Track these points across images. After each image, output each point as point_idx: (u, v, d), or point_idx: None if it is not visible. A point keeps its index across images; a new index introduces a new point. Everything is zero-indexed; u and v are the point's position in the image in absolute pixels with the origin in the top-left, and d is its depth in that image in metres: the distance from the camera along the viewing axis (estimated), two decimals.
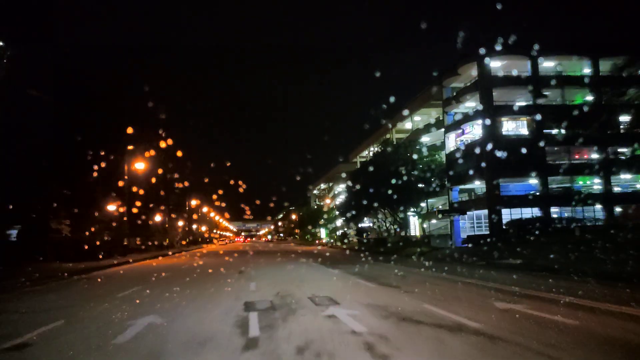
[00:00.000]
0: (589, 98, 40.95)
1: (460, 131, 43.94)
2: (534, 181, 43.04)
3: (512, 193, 40.85)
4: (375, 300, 10.45)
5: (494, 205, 37.94)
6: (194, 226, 70.58)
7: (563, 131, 39.58)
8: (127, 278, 19.68)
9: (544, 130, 39.21)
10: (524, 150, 36.16)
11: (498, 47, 28.17)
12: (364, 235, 52.76)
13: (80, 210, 28.50)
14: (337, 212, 78.39)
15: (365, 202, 47.86)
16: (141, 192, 30.37)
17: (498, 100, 39.70)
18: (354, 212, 51.15)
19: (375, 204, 45.95)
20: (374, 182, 45.61)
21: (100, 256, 27.06)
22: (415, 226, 51.02)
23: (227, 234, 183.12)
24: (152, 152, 31.95)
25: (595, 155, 41.65)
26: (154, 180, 35.82)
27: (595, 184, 43.23)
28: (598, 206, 41.18)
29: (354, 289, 13.07)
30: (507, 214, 39.06)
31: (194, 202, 65.63)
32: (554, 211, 40.47)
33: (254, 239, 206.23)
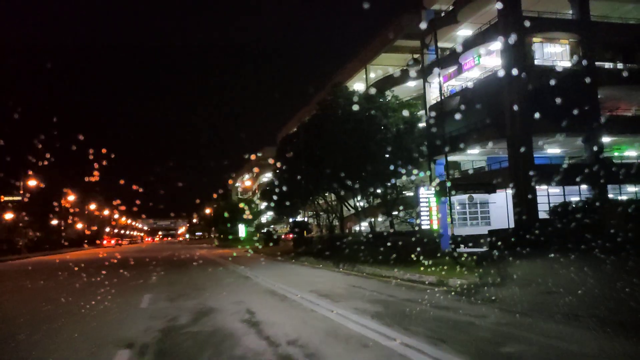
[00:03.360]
0: None
1: (453, 69, 28.31)
2: (552, 151, 28.56)
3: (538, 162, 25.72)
4: None
5: (523, 180, 22.51)
6: (54, 222, 49.92)
7: (620, 65, 25.19)
8: None
9: (596, 63, 24.40)
10: (567, 92, 21.68)
11: None
12: (304, 232, 35.72)
13: None
14: (262, 205, 60.81)
15: (304, 183, 31.13)
16: None
17: (525, 11, 24.27)
18: (285, 199, 34.02)
19: (320, 182, 29.50)
20: (317, 152, 29.10)
21: None
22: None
23: (136, 233, 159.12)
24: None
25: None
26: None
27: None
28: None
29: None
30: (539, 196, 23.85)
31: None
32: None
33: (170, 238, 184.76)
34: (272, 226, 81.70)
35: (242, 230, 62.28)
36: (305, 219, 45.64)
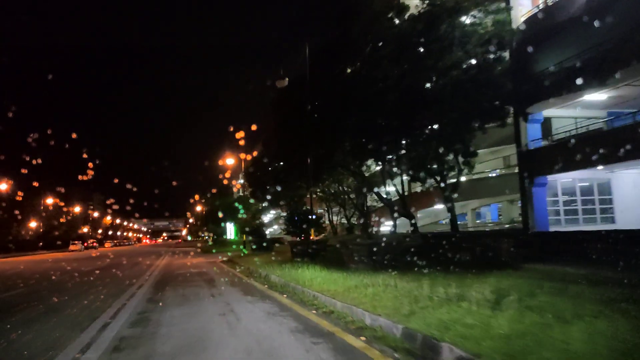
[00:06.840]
0: None
1: None
2: None
3: None
4: None
5: None
6: None
7: None
8: None
9: None
10: None
11: None
12: (310, 231, 22.14)
13: None
14: (261, 203, 48.41)
15: (309, 157, 19.55)
16: None
17: None
18: (280, 181, 22.33)
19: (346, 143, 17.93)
20: (332, 102, 17.63)
21: None
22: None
23: (131, 234, 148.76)
24: None
25: None
26: None
27: None
28: None
29: None
30: None
31: None
32: None
33: (171, 240, 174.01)
34: (274, 226, 69.86)
35: (230, 231, 50.71)
36: (313, 216, 32.36)
